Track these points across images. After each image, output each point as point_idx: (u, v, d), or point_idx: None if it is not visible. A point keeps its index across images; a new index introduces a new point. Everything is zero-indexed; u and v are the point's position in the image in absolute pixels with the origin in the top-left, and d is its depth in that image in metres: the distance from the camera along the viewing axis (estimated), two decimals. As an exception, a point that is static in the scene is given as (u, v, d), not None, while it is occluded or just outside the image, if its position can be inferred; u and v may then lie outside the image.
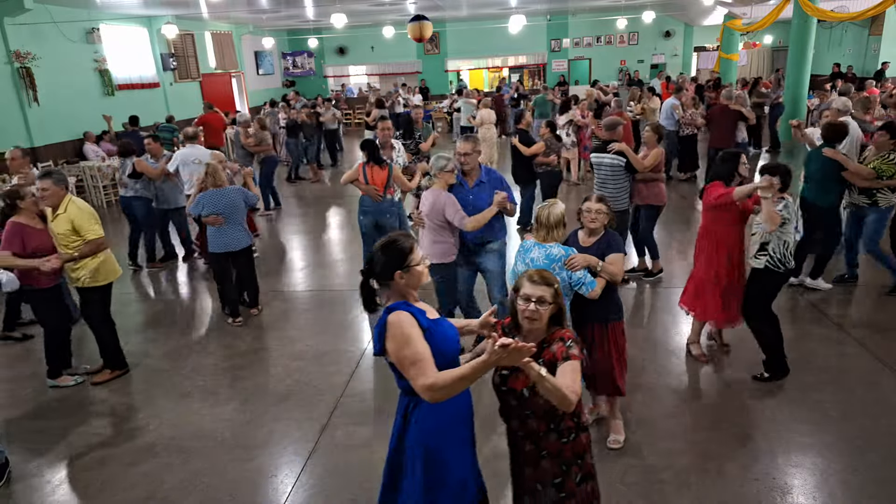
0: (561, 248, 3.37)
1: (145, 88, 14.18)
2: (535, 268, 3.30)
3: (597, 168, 5.78)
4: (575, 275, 3.30)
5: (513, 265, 3.58)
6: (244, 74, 19.24)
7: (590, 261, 3.33)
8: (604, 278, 3.34)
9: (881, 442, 3.51)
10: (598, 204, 3.49)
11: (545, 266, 3.31)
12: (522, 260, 3.45)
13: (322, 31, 20.70)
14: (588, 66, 21.67)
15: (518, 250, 3.54)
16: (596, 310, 3.41)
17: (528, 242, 3.49)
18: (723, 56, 17.92)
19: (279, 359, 4.93)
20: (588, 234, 3.53)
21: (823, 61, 17.61)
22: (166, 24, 13.23)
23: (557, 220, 3.39)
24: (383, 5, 14.51)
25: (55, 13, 11.05)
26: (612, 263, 3.37)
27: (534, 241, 3.46)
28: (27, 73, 10.48)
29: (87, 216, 4.26)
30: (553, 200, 3.50)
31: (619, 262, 3.41)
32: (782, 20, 14.28)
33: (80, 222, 4.20)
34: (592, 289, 3.28)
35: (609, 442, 3.59)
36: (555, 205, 3.43)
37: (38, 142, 10.76)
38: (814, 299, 5.50)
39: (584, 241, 3.52)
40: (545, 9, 18.97)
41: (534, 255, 3.39)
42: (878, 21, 15.53)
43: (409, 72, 21.89)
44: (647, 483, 3.29)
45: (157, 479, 3.50)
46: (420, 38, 11.00)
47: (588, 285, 3.28)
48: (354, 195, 11.12)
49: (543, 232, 3.39)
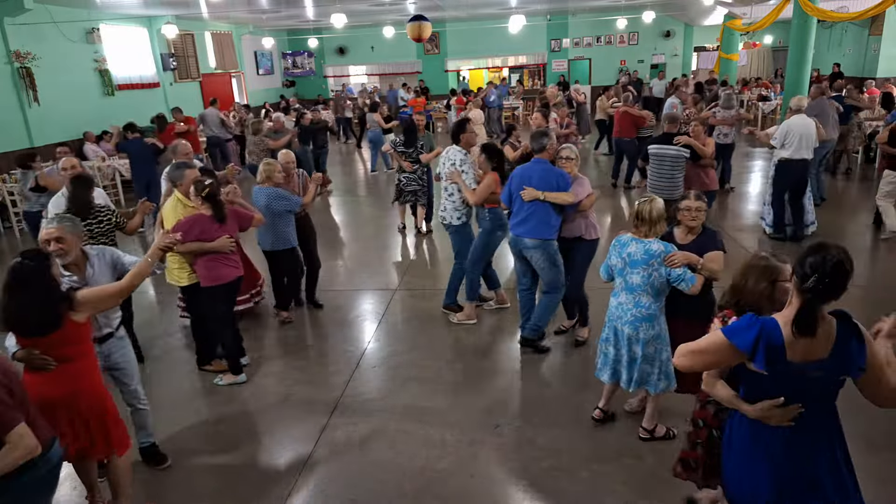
0: (661, 244, 3.35)
1: (145, 88, 14.18)
2: (633, 263, 3.35)
3: (658, 159, 6.07)
4: (674, 271, 3.29)
5: (606, 260, 3.59)
6: (244, 74, 19.25)
7: (690, 258, 3.32)
8: (703, 275, 3.32)
9: (881, 442, 3.51)
10: (698, 202, 3.45)
11: (643, 262, 3.33)
12: (619, 255, 3.45)
13: (322, 31, 20.70)
14: (588, 66, 21.66)
15: (613, 244, 3.53)
16: (689, 306, 3.41)
17: (625, 237, 3.47)
18: (723, 56, 17.92)
19: (279, 358, 4.94)
20: (686, 231, 3.51)
21: (823, 61, 17.60)
22: (166, 24, 13.23)
23: (660, 214, 3.36)
24: (383, 5, 14.51)
25: (55, 13, 11.04)
26: (712, 261, 3.34)
27: (630, 235, 3.45)
28: (27, 73, 10.47)
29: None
30: (651, 196, 3.47)
31: (720, 259, 3.39)
32: (782, 20, 14.27)
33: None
34: (693, 284, 3.28)
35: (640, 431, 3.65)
36: (654, 200, 3.39)
37: (38, 142, 10.75)
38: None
39: (682, 238, 3.50)
40: (545, 9, 18.96)
41: (631, 250, 3.39)
42: (878, 21, 15.51)
43: (409, 72, 21.89)
44: (647, 483, 3.29)
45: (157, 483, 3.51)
46: (419, 39, 10.99)
47: (688, 281, 3.28)
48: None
49: (646, 227, 3.37)
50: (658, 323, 3.42)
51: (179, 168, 4.48)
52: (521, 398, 4.25)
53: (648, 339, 3.40)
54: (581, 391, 4.20)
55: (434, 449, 3.65)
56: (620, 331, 3.47)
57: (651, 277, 3.33)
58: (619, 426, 3.79)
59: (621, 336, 3.48)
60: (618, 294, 3.51)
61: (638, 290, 3.38)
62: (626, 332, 3.44)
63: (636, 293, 3.39)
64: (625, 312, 3.43)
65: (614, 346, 3.55)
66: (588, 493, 3.25)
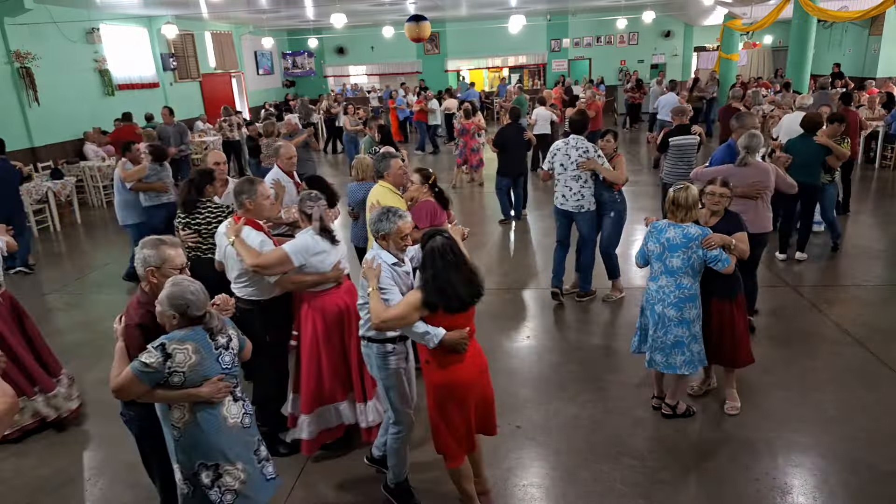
0: (698, 228, 3.56)
1: (145, 88, 14.17)
2: (672, 247, 3.56)
3: (678, 149, 6.52)
4: (711, 252, 3.49)
5: (641, 246, 3.80)
6: (244, 74, 19.24)
7: (725, 240, 3.52)
8: (735, 255, 3.53)
9: (881, 442, 3.51)
10: (723, 188, 3.70)
11: (682, 245, 3.53)
12: (657, 240, 3.63)
13: (322, 31, 20.69)
14: (588, 66, 21.65)
15: (649, 231, 3.72)
16: (722, 286, 3.66)
17: (662, 223, 3.66)
18: (723, 56, 17.90)
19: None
20: (709, 215, 3.74)
21: (823, 61, 17.60)
22: (166, 24, 13.22)
23: (695, 199, 3.56)
24: (383, 5, 14.50)
25: (55, 13, 11.04)
26: (740, 241, 3.60)
27: (667, 221, 3.63)
28: (27, 73, 10.47)
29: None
30: (685, 183, 3.64)
31: (745, 239, 3.65)
32: (782, 20, 14.28)
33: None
34: (728, 264, 3.49)
35: (726, 408, 3.85)
36: (689, 187, 3.58)
37: (38, 142, 10.76)
38: (814, 299, 5.51)
39: (706, 222, 3.71)
40: (545, 9, 18.95)
41: (669, 235, 3.57)
42: (878, 21, 15.49)
43: (409, 72, 21.88)
44: (647, 483, 3.29)
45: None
46: (418, 39, 10.96)
47: (724, 262, 3.48)
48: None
49: (682, 213, 3.55)
50: (699, 303, 3.63)
51: (385, 158, 4.35)
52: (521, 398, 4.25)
53: (692, 319, 3.60)
54: (582, 391, 4.21)
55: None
56: (663, 314, 3.61)
57: (690, 259, 3.53)
58: (619, 426, 3.79)
59: (663, 319, 3.62)
60: (657, 278, 3.67)
61: (679, 272, 3.56)
62: (669, 314, 3.59)
63: (677, 276, 3.57)
64: (667, 295, 3.59)
65: (653, 330, 3.69)
66: (588, 493, 3.25)
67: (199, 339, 2.41)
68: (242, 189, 3.41)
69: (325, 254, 3.31)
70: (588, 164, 5.20)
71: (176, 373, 2.33)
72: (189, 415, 2.41)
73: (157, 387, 2.35)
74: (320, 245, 3.29)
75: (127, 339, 2.50)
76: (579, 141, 5.30)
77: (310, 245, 3.26)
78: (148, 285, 2.61)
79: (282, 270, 3.27)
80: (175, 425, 2.42)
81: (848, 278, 6.02)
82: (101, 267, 7.62)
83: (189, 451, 2.44)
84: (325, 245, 3.30)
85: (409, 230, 2.88)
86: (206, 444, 2.44)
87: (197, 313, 2.38)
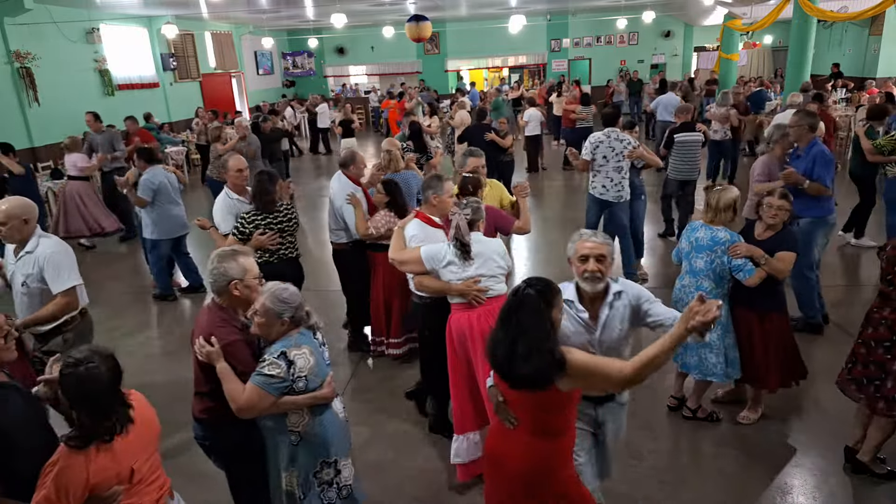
0: (728, 233, 3.47)
1: (145, 88, 14.18)
2: (698, 248, 3.49)
3: (684, 146, 6.75)
4: (735, 261, 3.40)
5: (678, 244, 3.76)
6: (244, 74, 19.24)
7: (753, 252, 3.40)
8: (765, 271, 3.38)
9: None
10: (782, 201, 3.46)
11: (708, 247, 3.47)
12: (687, 238, 3.61)
13: (322, 31, 20.69)
14: (588, 66, 21.65)
15: (686, 229, 3.69)
16: (753, 298, 3.47)
17: (697, 223, 3.63)
18: (723, 56, 17.88)
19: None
20: (764, 227, 3.56)
21: (823, 61, 17.59)
22: (166, 24, 13.23)
23: (727, 204, 3.46)
24: (383, 5, 14.50)
25: (55, 13, 11.04)
26: (781, 260, 3.41)
27: (701, 221, 3.59)
28: (27, 73, 10.47)
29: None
30: (727, 185, 3.58)
31: (789, 260, 3.43)
32: (782, 20, 14.26)
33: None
34: (750, 276, 3.38)
35: (740, 417, 3.75)
36: (727, 190, 3.50)
37: (38, 142, 10.76)
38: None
39: (760, 234, 3.56)
40: (545, 9, 18.95)
41: (699, 235, 3.53)
42: (878, 21, 15.49)
43: (409, 72, 21.89)
44: (647, 483, 3.29)
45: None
46: (418, 39, 10.98)
47: (746, 272, 3.38)
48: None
49: (711, 214, 3.50)
50: (722, 312, 3.50)
51: (465, 156, 4.15)
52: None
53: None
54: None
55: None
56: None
57: (714, 263, 3.47)
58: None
59: None
60: (682, 277, 3.66)
61: (700, 274, 3.52)
62: None
63: (698, 277, 3.54)
64: (687, 295, 3.57)
65: None
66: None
67: (309, 340, 2.43)
68: (430, 184, 3.38)
69: (454, 265, 3.02)
70: (637, 153, 5.47)
71: (300, 378, 2.33)
72: (308, 416, 2.42)
73: (281, 395, 2.33)
74: (449, 256, 3.04)
75: (232, 357, 2.39)
76: (619, 133, 5.61)
77: (438, 253, 3.07)
78: (227, 299, 2.51)
79: (415, 270, 3.18)
80: (294, 430, 2.42)
81: (848, 278, 6.02)
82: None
83: (312, 451, 2.46)
84: (452, 256, 3.02)
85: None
86: (328, 442, 2.48)
87: (304, 314, 2.43)
